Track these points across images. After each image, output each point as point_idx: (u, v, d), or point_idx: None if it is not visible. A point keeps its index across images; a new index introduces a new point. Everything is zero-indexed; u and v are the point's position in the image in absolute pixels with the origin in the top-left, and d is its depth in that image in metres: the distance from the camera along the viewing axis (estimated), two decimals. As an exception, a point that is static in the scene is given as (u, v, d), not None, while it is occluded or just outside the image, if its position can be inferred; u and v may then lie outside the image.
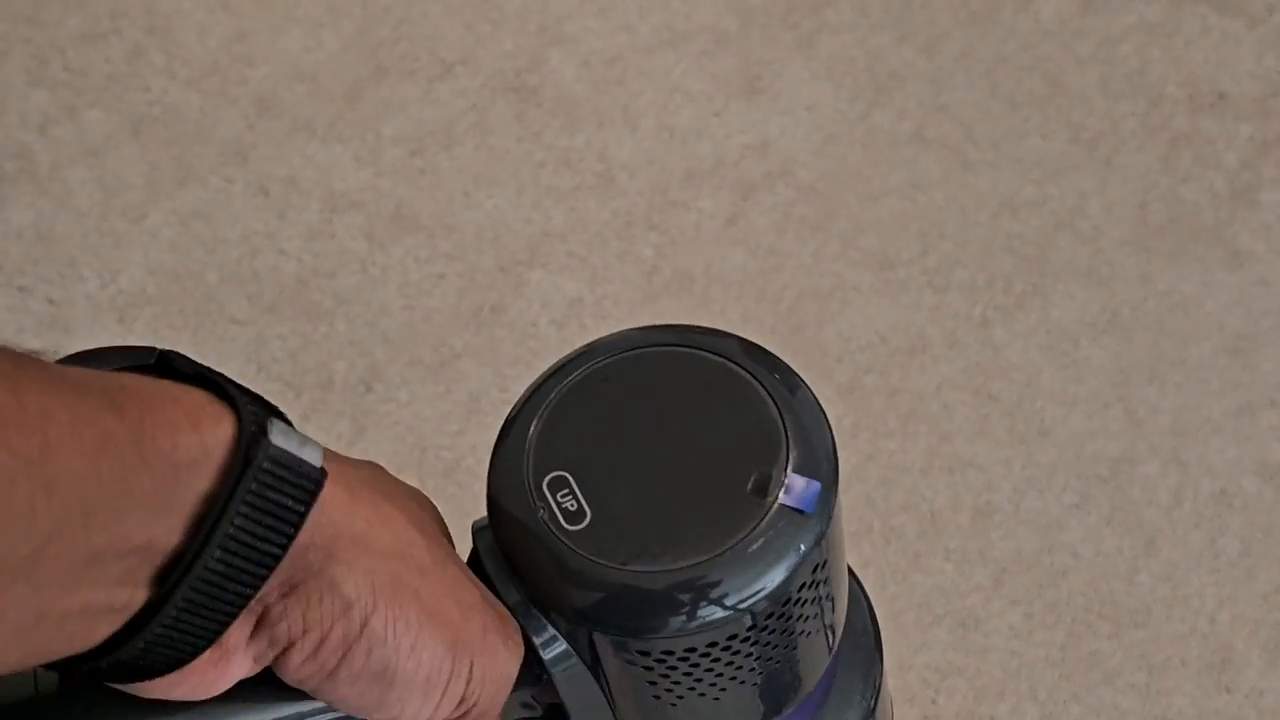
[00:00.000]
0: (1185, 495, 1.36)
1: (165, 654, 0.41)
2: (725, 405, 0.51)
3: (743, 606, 0.48)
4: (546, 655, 0.50)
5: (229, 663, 0.44)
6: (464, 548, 0.54)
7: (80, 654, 0.40)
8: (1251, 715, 1.29)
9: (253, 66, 1.59)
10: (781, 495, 0.49)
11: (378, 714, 0.46)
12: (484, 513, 0.52)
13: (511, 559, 0.50)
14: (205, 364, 0.44)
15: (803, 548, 0.48)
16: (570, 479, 0.49)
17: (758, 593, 0.48)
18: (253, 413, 0.41)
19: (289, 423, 0.43)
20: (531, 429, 0.52)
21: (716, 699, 0.51)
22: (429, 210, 1.51)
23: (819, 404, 0.53)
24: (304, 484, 0.41)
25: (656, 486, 0.49)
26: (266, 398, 0.44)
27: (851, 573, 0.59)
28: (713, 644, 0.49)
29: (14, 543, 0.35)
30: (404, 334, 1.45)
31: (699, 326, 0.54)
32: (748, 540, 0.48)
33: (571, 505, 0.49)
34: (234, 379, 0.43)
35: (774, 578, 0.48)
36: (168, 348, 0.45)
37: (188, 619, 0.40)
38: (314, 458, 0.42)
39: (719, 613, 0.47)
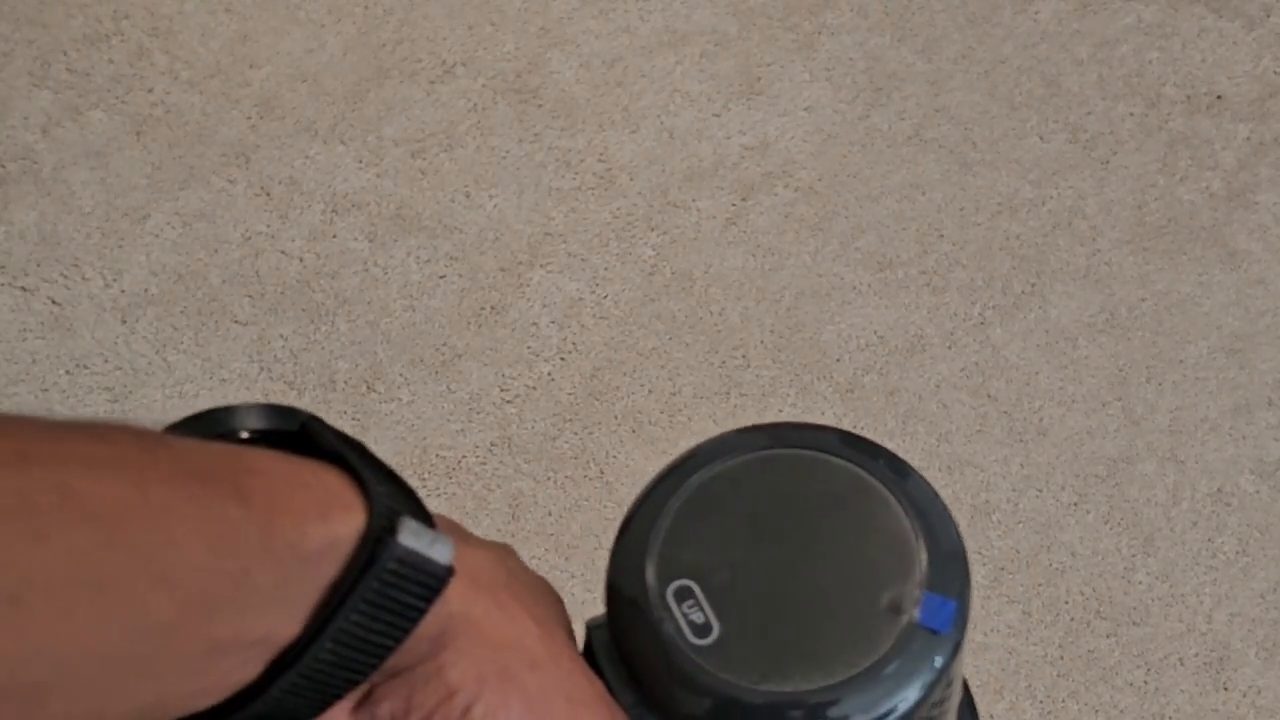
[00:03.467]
0: (1183, 494, 1.36)
1: None
2: (853, 513, 0.49)
3: None
4: None
5: None
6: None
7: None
8: (1249, 713, 1.29)
9: (255, 68, 1.60)
10: (916, 614, 0.47)
11: None
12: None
13: (631, 665, 0.49)
14: (348, 436, 0.43)
15: (937, 667, 0.47)
16: (696, 590, 0.48)
17: (889, 713, 0.47)
18: (385, 506, 0.40)
19: (423, 510, 0.42)
20: (652, 534, 0.49)
21: None
22: (430, 211, 1.52)
23: (947, 510, 0.51)
24: (428, 583, 0.40)
25: (784, 599, 0.48)
26: (396, 471, 0.43)
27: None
28: None
29: (134, 637, 0.35)
30: (405, 334, 1.45)
31: (816, 425, 0.52)
32: (883, 662, 0.47)
33: (698, 618, 0.47)
34: (374, 455, 0.42)
35: (907, 698, 0.47)
36: (312, 413, 0.44)
37: (290, 700, 0.40)
38: (443, 555, 0.41)
39: None
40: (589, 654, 0.51)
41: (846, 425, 1.40)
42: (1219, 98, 1.56)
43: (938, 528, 0.49)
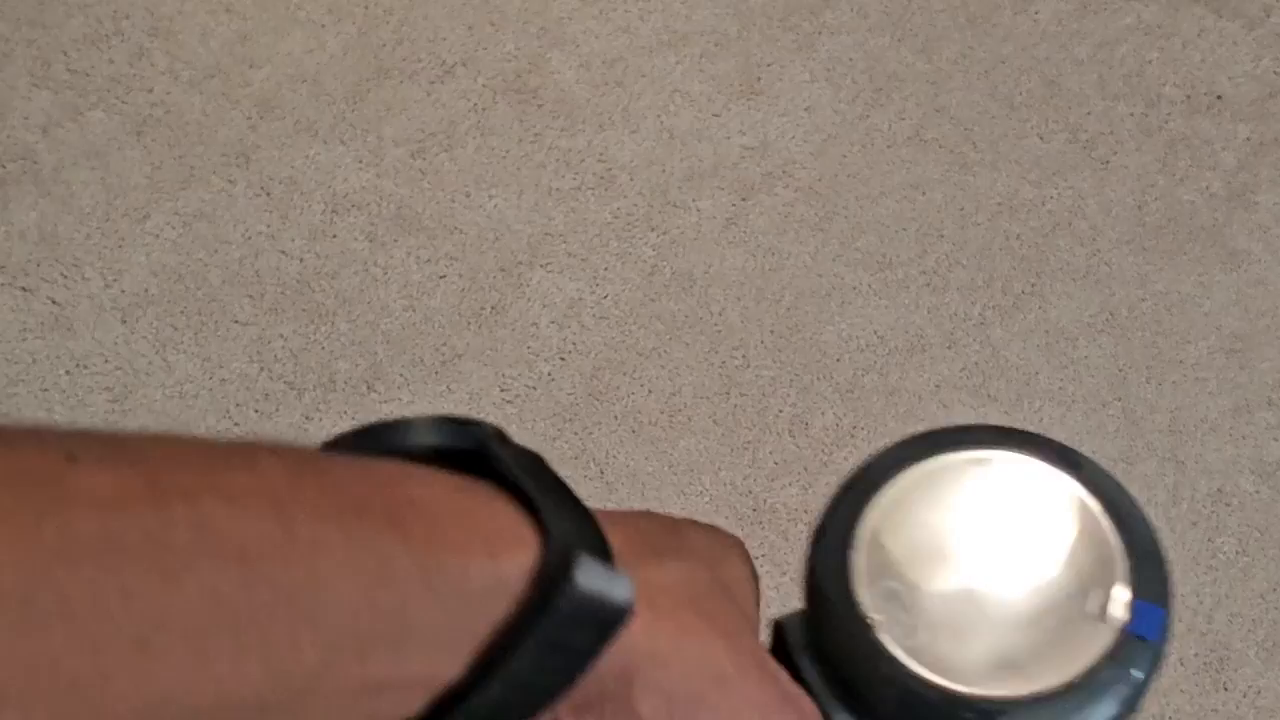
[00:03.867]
0: (1183, 494, 1.36)
1: None
2: (1058, 519, 0.49)
3: None
4: None
5: None
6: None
7: None
8: (1249, 713, 1.29)
9: (255, 68, 1.60)
10: (1125, 621, 0.47)
11: None
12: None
13: (835, 665, 0.49)
14: (527, 452, 0.40)
15: (1144, 675, 0.47)
16: (903, 591, 0.48)
17: (1102, 717, 0.47)
18: (561, 543, 0.37)
19: (602, 540, 0.39)
20: (857, 534, 0.49)
21: None
22: (430, 211, 1.52)
23: (1149, 518, 0.50)
24: (605, 623, 0.38)
25: (990, 603, 0.47)
26: (577, 492, 0.41)
27: None
28: None
29: (275, 682, 0.33)
30: (405, 334, 1.45)
31: (1018, 430, 0.52)
32: (1094, 669, 0.46)
33: (906, 620, 0.47)
34: (553, 472, 0.40)
35: (1114, 705, 0.47)
36: (494, 427, 0.41)
37: None
38: (622, 594, 0.38)
39: None
40: (779, 647, 0.51)
41: (846, 425, 1.40)
42: (1219, 98, 1.56)
43: (1143, 535, 0.49)
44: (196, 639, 0.31)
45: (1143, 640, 0.47)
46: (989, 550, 0.49)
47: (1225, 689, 1.29)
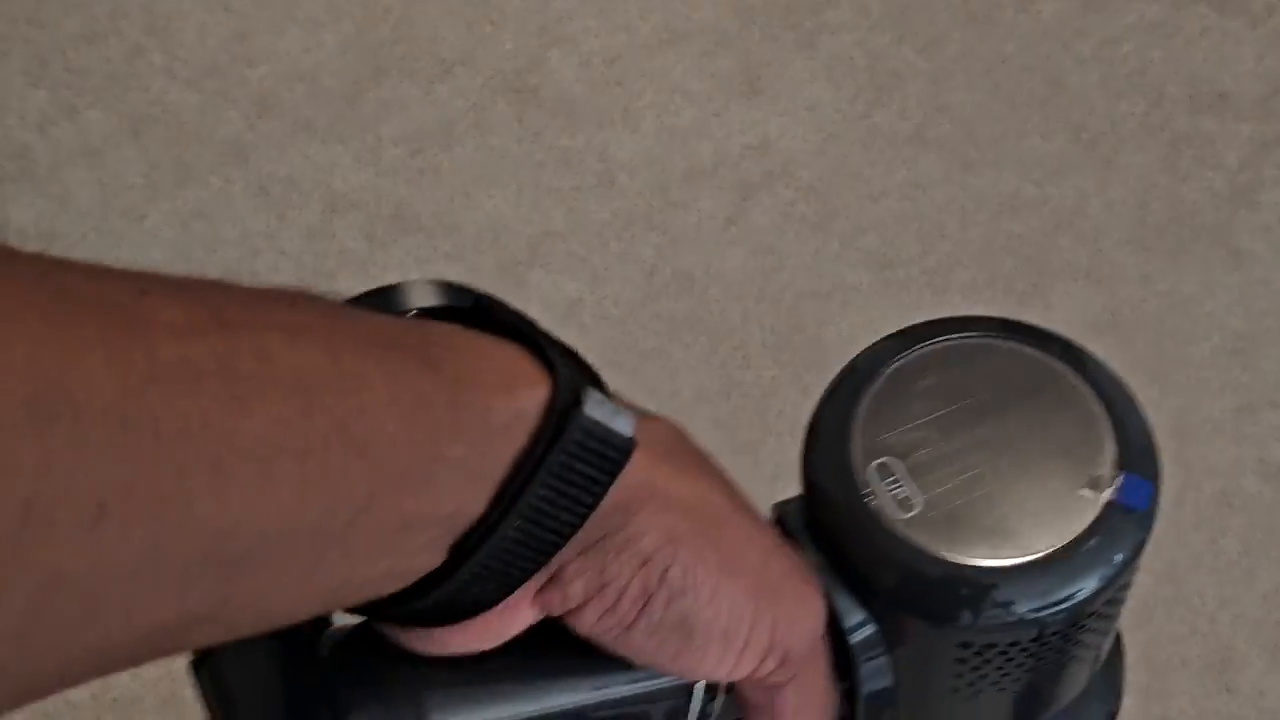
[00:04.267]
0: (1186, 495, 1.36)
1: (446, 612, 0.40)
2: (1048, 399, 0.51)
3: (1078, 599, 0.48)
4: (855, 639, 0.49)
5: (514, 616, 0.43)
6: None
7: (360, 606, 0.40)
8: (1253, 715, 1.29)
9: (253, 67, 1.59)
10: (1114, 494, 0.49)
11: (675, 666, 0.45)
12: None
13: (832, 542, 0.50)
14: (524, 314, 0.42)
15: (1135, 545, 0.49)
16: (899, 466, 0.49)
17: (1087, 589, 0.48)
18: (569, 378, 0.39)
19: (603, 385, 0.42)
20: (854, 414, 0.51)
21: (1017, 691, 0.52)
22: (429, 210, 1.51)
23: (1133, 395, 0.53)
24: (613, 454, 0.40)
25: (984, 478, 0.49)
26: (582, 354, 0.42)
27: None
28: (1035, 638, 0.49)
29: (331, 509, 0.34)
30: (404, 334, 1.45)
31: (1013, 320, 0.54)
32: (1085, 537, 0.48)
33: (901, 493, 0.48)
34: (550, 332, 0.41)
35: (1107, 574, 0.48)
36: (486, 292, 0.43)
37: (477, 584, 0.39)
38: (626, 427, 0.40)
39: (1052, 608, 0.48)
40: (778, 532, 0.51)
41: (847, 426, 1.39)
42: (1222, 96, 1.56)
43: (1131, 415, 0.51)
44: (265, 464, 0.32)
45: (1132, 511, 0.48)
46: (983, 427, 0.50)
47: (1229, 691, 1.29)
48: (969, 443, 0.50)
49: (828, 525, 0.50)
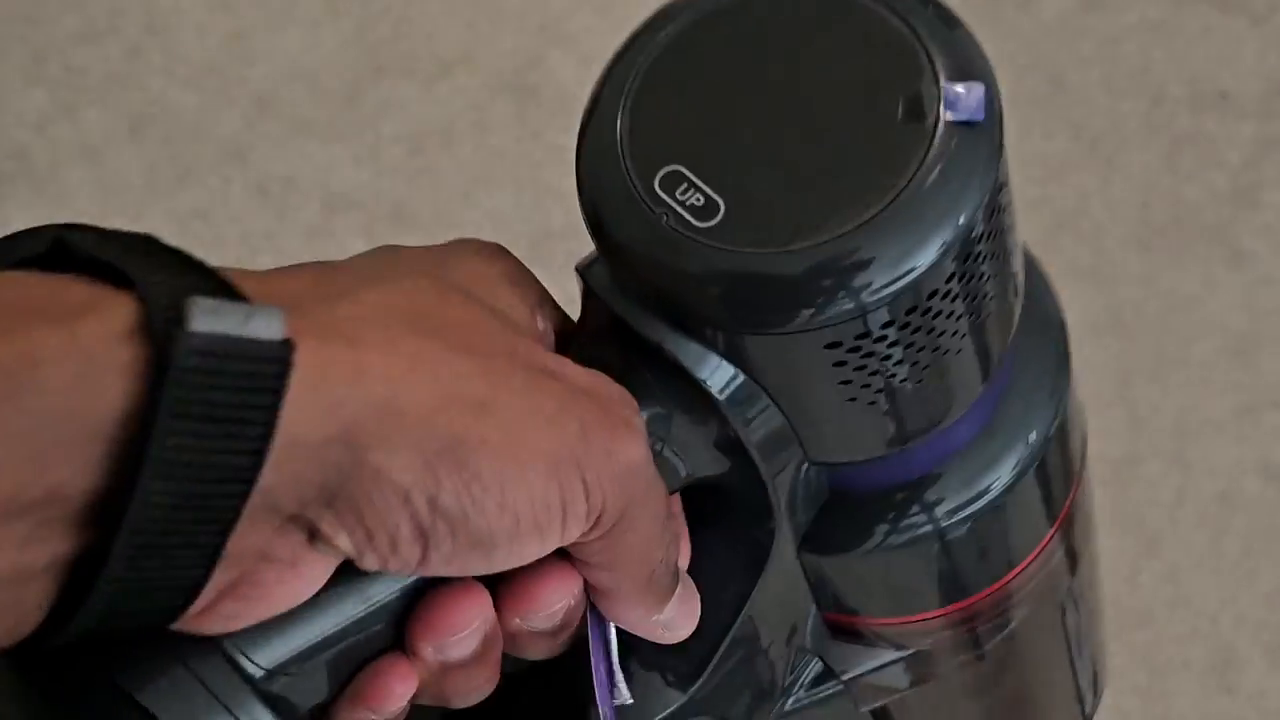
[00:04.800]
0: (1187, 495, 1.36)
1: (143, 605, 0.33)
2: (838, 34, 0.42)
3: (949, 240, 0.40)
4: (715, 388, 0.41)
5: (298, 575, 0.36)
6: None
7: (36, 629, 0.33)
8: (1254, 716, 1.28)
9: (251, 66, 1.59)
10: (944, 111, 0.42)
11: (496, 569, 0.38)
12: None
13: (640, 286, 0.42)
14: (123, 234, 0.35)
15: (986, 161, 0.42)
16: (686, 171, 0.41)
17: (957, 222, 0.41)
18: (164, 294, 0.32)
19: (230, 288, 0.33)
20: (619, 124, 0.43)
21: (919, 381, 0.43)
22: (429, 210, 1.51)
23: (945, 6, 0.44)
24: (261, 369, 0.32)
25: (792, 149, 0.40)
26: (195, 255, 0.35)
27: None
28: (913, 308, 0.40)
29: None
30: (403, 334, 1.45)
31: None
32: (926, 170, 0.40)
33: (698, 200, 0.40)
34: (163, 240, 0.35)
35: (970, 200, 0.41)
36: (79, 225, 0.35)
37: (153, 565, 0.32)
38: (269, 330, 0.32)
39: (918, 259, 0.40)
40: (588, 301, 0.44)
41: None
42: (1224, 96, 1.55)
43: (934, 19, 0.43)
44: None
45: (972, 125, 0.42)
46: (770, 94, 0.41)
47: (1230, 692, 1.29)
48: (761, 117, 0.41)
49: (632, 270, 0.42)
